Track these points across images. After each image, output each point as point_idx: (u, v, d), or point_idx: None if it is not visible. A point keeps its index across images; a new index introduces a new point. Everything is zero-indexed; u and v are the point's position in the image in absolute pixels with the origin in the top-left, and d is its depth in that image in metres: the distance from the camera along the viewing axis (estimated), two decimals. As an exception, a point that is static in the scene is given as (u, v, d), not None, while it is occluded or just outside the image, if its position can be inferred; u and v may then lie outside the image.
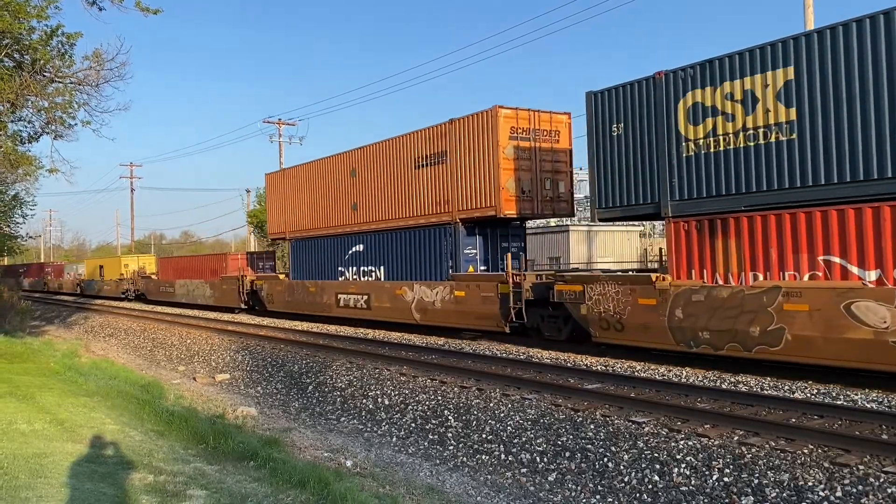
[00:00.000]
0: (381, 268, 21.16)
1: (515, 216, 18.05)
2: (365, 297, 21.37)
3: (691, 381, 11.48)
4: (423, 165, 19.64)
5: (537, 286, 15.71)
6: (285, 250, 31.31)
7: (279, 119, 46.33)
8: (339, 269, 23.14)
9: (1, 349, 17.76)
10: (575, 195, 18.92)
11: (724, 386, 10.93)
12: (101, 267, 49.66)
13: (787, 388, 10.62)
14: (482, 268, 18.71)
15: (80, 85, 15.33)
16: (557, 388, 11.27)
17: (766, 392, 10.35)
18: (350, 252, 22.70)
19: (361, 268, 22.04)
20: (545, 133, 18.24)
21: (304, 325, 23.92)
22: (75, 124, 15.79)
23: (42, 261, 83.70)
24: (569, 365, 13.42)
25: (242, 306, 29.74)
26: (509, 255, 16.98)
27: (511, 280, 16.11)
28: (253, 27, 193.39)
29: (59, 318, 36.40)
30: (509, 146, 17.52)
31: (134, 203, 71.22)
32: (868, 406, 9.25)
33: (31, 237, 40.96)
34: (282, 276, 26.97)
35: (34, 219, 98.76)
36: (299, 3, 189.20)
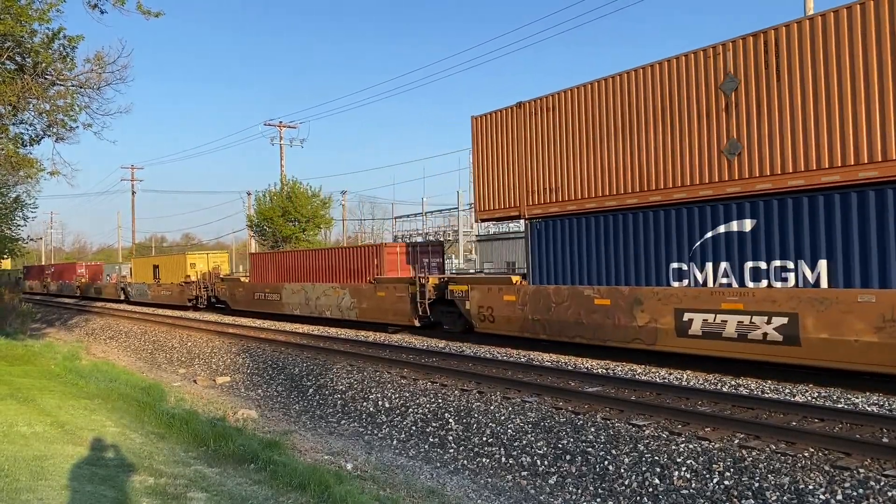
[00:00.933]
0: (823, 263, 11.02)
1: None
2: (780, 322, 11.33)
3: (692, 383, 11.49)
4: None
5: None
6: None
7: (280, 121, 46.42)
8: (673, 265, 13.06)
9: (2, 351, 17.77)
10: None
11: (724, 389, 10.92)
12: (155, 267, 40.06)
13: (787, 391, 10.63)
14: None
15: (81, 87, 15.37)
16: (558, 390, 11.27)
17: (766, 395, 10.35)
18: (710, 235, 12.51)
19: (747, 264, 11.91)
20: None
21: (306, 328, 23.90)
22: (77, 127, 15.84)
23: (73, 262, 69.63)
24: (569, 368, 13.41)
25: (416, 323, 20.31)
26: None
27: None
28: (253, 28, 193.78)
29: (59, 321, 36.42)
30: None
31: (135, 205, 71.01)
32: (869, 409, 9.25)
33: (31, 240, 40.97)
34: (515, 279, 16.66)
35: (35, 221, 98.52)
36: (299, 4, 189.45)
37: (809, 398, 10.11)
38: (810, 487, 6.90)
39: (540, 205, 15.63)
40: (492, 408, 10.87)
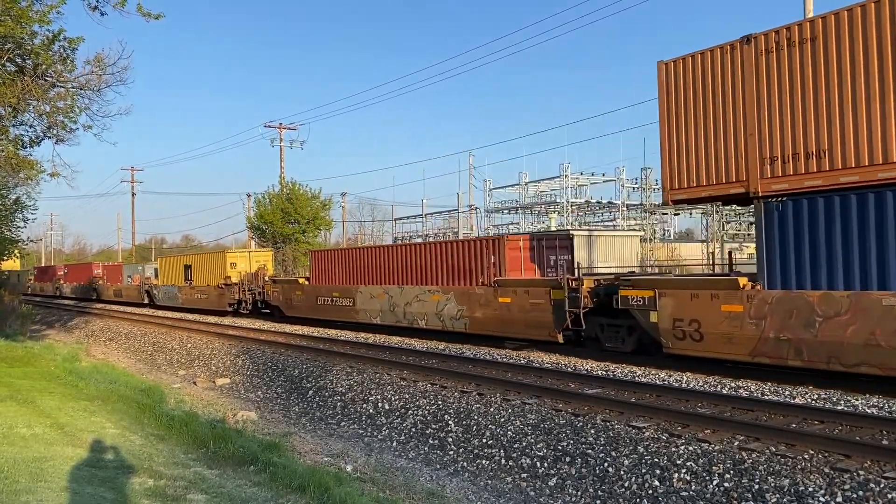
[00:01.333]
0: None
1: None
2: None
3: (692, 385, 11.48)
4: None
5: None
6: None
7: (280, 123, 46.44)
8: None
9: (2, 353, 17.77)
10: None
11: (724, 391, 10.92)
12: (187, 268, 35.79)
13: (787, 393, 10.63)
14: None
15: (81, 89, 15.40)
16: (558, 392, 11.27)
17: (766, 397, 10.35)
18: None
19: None
20: None
21: (305, 330, 23.88)
22: (77, 128, 15.87)
23: (89, 262, 63.85)
24: (569, 370, 13.42)
25: (559, 339, 15.81)
26: None
27: None
28: (253, 30, 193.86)
29: (59, 322, 36.42)
30: None
31: (135, 207, 71.05)
32: (868, 411, 9.25)
33: (32, 241, 40.91)
34: (743, 282, 12.04)
35: (35, 223, 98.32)
36: (299, 7, 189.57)
37: (809, 400, 10.11)
38: (810, 489, 6.90)
39: (784, 177, 11.22)
40: (491, 409, 10.87)
